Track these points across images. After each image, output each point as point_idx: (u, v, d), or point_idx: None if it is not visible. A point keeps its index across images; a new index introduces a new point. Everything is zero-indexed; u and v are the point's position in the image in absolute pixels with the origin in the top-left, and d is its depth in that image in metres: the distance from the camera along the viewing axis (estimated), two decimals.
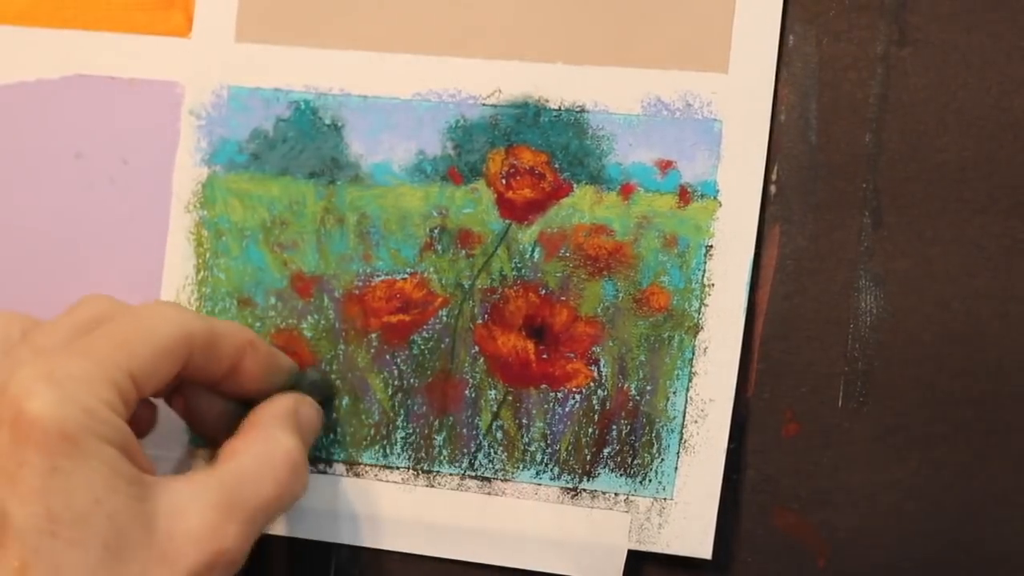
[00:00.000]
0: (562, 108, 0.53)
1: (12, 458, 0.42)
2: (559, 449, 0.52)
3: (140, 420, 0.50)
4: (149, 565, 0.43)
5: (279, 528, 0.53)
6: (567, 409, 0.52)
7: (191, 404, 0.51)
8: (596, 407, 0.51)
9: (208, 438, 0.53)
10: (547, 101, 0.53)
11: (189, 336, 0.47)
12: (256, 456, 0.47)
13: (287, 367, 0.52)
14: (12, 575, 0.42)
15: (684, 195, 0.51)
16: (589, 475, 0.51)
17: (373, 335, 0.53)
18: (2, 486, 0.42)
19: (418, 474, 0.53)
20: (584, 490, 0.51)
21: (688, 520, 0.50)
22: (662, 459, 0.51)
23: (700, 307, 0.51)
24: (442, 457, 0.53)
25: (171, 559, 0.44)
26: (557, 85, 0.53)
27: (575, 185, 0.52)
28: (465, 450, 0.52)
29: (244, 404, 0.51)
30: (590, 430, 0.51)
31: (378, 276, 0.54)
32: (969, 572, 0.49)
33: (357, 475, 0.53)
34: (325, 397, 0.53)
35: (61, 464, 0.42)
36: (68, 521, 0.42)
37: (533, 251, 0.52)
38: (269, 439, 0.48)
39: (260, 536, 0.53)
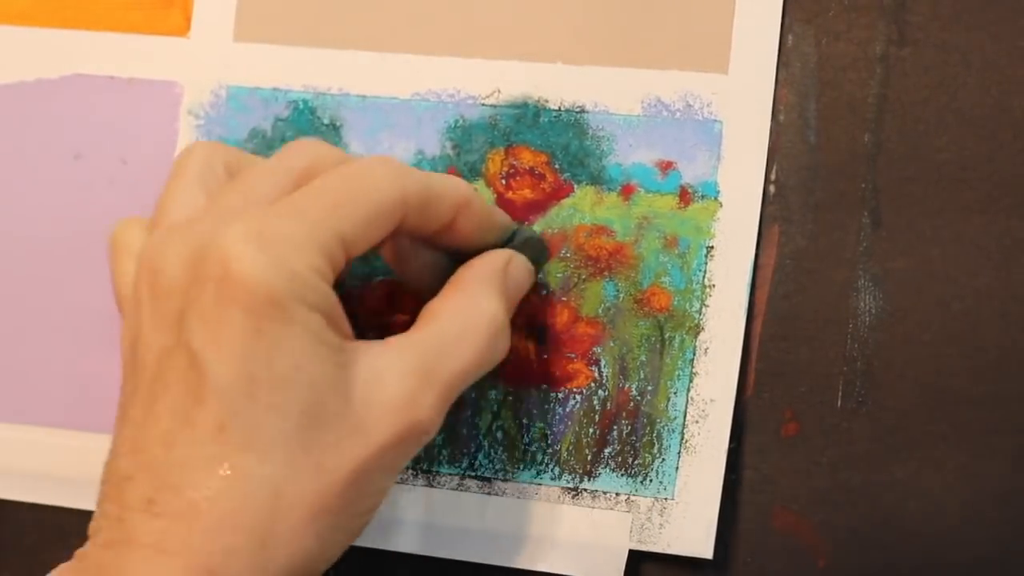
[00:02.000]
0: (562, 108, 0.53)
1: (216, 316, 0.42)
2: (559, 449, 0.52)
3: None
4: (344, 434, 0.43)
5: None
6: (567, 409, 0.52)
7: (400, 254, 0.50)
8: (597, 407, 0.51)
9: (415, 287, 0.51)
10: (547, 101, 0.53)
11: (404, 197, 0.45)
12: (457, 320, 0.46)
13: (503, 224, 0.50)
14: (209, 433, 0.42)
15: (684, 196, 0.51)
16: (590, 475, 0.51)
17: (372, 335, 0.53)
18: (206, 342, 0.42)
19: (417, 474, 0.53)
20: (585, 490, 0.51)
21: (689, 520, 0.50)
22: (663, 459, 0.51)
23: (701, 308, 0.51)
24: (442, 457, 0.53)
25: (367, 429, 0.43)
26: (557, 85, 0.53)
27: (575, 186, 0.52)
28: (465, 450, 0.52)
29: (456, 256, 0.49)
30: (591, 430, 0.51)
31: (377, 276, 0.53)
32: (969, 572, 0.49)
33: None
34: (539, 255, 0.51)
35: (265, 327, 0.42)
36: (268, 385, 0.42)
37: None
38: (472, 302, 0.46)
39: None
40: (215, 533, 0.41)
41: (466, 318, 0.46)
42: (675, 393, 0.51)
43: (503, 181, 0.53)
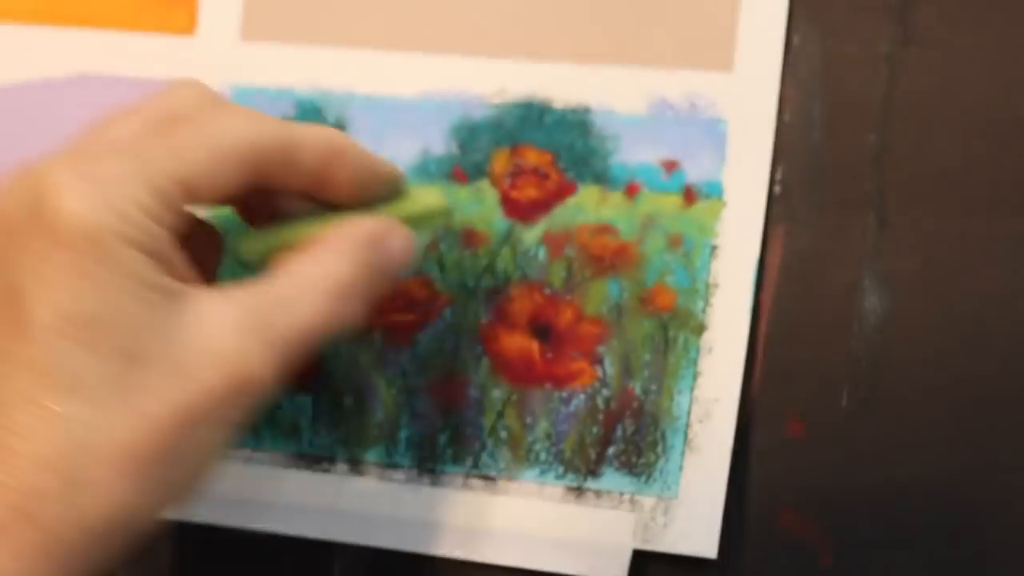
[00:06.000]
0: (567, 108, 0.53)
1: (36, 252, 0.41)
2: (563, 448, 0.52)
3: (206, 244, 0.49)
4: (167, 379, 0.42)
5: (282, 527, 0.53)
6: (571, 408, 0.52)
7: (282, 211, 0.48)
8: (601, 406, 0.51)
9: None
10: (552, 101, 0.53)
11: (256, 144, 0.44)
12: (298, 276, 0.45)
13: (388, 176, 0.48)
14: (26, 372, 0.41)
15: (689, 195, 0.51)
16: (594, 474, 0.51)
17: (376, 334, 0.53)
18: (26, 279, 0.41)
19: (422, 473, 0.53)
20: (589, 489, 0.51)
21: (693, 520, 0.50)
22: (667, 459, 0.51)
23: (705, 307, 0.51)
24: (446, 456, 0.53)
25: (191, 376, 0.42)
26: (562, 84, 0.53)
27: (580, 185, 0.52)
28: (469, 449, 0.52)
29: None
30: (594, 429, 0.51)
31: None
32: (972, 572, 0.49)
33: (361, 474, 0.53)
34: (435, 218, 0.49)
35: (85, 267, 0.41)
36: (86, 325, 0.41)
37: (538, 250, 0.52)
38: (319, 261, 0.45)
39: (263, 535, 0.53)
40: (27, 473, 0.40)
41: (309, 276, 0.45)
42: (679, 392, 0.51)
43: (508, 180, 0.53)
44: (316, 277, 0.45)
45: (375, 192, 0.47)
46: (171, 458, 0.42)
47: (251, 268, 0.47)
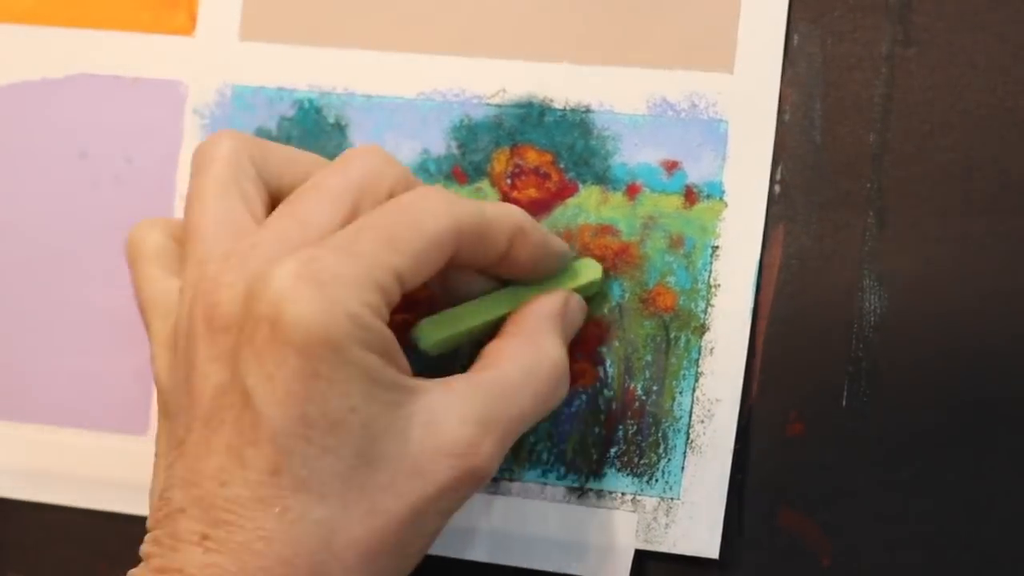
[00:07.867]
0: (567, 108, 0.53)
1: (271, 357, 0.41)
2: (565, 449, 0.52)
3: None
4: (399, 476, 0.43)
5: None
6: (573, 409, 0.52)
7: (453, 284, 0.49)
8: (602, 407, 0.51)
9: None
10: (552, 101, 0.53)
11: (459, 228, 0.45)
12: (522, 367, 0.46)
13: (559, 252, 0.50)
14: (263, 475, 0.42)
15: (690, 195, 0.51)
16: (595, 475, 0.51)
17: None
18: (260, 383, 0.42)
19: None
20: (590, 490, 0.51)
21: (695, 520, 0.50)
22: (668, 459, 0.51)
23: (706, 307, 0.51)
24: None
25: (423, 472, 0.43)
26: (562, 85, 0.53)
27: (580, 185, 0.52)
28: None
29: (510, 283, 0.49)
30: (596, 430, 0.51)
31: None
32: (973, 572, 0.49)
33: None
34: (594, 287, 0.51)
35: (320, 370, 0.41)
36: (322, 427, 0.41)
37: None
38: (537, 347, 0.47)
39: None
40: (269, 573, 0.41)
41: (531, 364, 0.46)
42: (680, 393, 0.51)
43: (508, 181, 0.53)
44: (539, 364, 0.46)
45: (549, 268, 0.49)
46: (403, 548, 0.44)
47: (430, 353, 0.49)
